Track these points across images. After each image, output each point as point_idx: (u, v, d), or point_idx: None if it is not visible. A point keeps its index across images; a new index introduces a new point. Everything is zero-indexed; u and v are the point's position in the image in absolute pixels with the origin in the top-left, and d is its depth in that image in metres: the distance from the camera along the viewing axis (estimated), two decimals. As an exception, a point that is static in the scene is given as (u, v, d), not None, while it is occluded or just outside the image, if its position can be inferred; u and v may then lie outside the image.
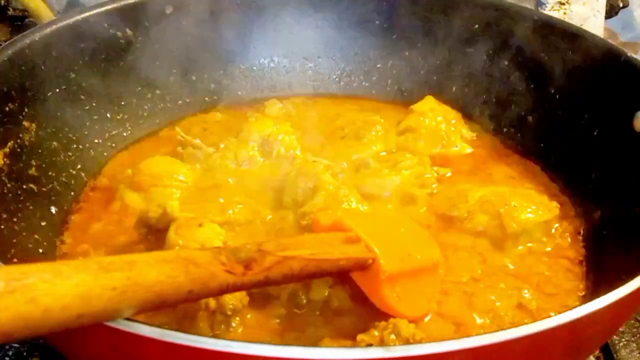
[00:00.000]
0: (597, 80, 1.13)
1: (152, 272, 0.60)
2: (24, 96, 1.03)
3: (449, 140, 1.24)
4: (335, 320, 0.87)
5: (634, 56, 1.08)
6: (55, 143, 1.09)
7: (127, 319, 0.59)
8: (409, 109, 1.28)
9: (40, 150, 1.05)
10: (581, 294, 0.96)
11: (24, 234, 0.94)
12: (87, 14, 1.16)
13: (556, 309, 0.92)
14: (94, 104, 1.18)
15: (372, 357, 0.57)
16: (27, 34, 1.06)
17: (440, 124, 1.25)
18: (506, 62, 1.29)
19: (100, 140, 1.19)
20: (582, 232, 1.06)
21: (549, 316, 0.62)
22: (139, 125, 1.26)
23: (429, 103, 1.28)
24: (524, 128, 1.26)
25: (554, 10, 1.56)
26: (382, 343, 0.77)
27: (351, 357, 0.57)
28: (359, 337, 0.79)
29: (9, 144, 0.98)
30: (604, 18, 1.63)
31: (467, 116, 1.31)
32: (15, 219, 0.94)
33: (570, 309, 0.63)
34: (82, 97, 1.16)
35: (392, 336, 0.78)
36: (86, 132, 1.16)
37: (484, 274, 0.97)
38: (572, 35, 1.19)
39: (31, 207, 0.98)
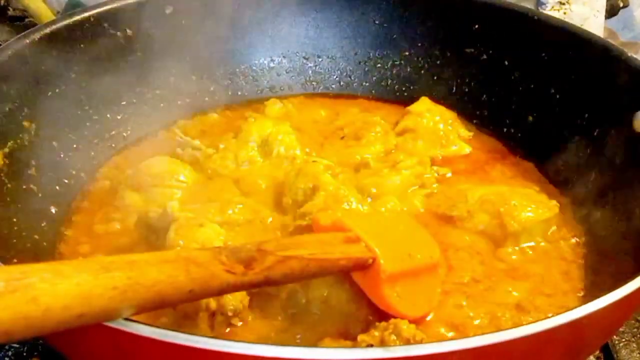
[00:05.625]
0: (597, 80, 1.13)
1: (153, 272, 0.60)
2: (24, 96, 1.03)
3: (448, 140, 1.24)
4: (335, 320, 0.87)
5: (634, 56, 1.08)
6: (55, 143, 1.09)
7: (127, 319, 0.59)
8: (406, 110, 1.28)
9: (40, 150, 1.04)
10: (580, 295, 0.96)
11: (24, 234, 0.94)
12: (87, 14, 1.16)
13: (555, 309, 0.92)
14: (93, 104, 1.18)
15: (372, 357, 0.57)
16: (27, 34, 1.06)
17: (437, 124, 1.25)
18: (506, 62, 1.29)
19: (100, 141, 1.19)
20: (581, 232, 1.06)
21: (548, 317, 0.62)
22: (139, 126, 1.26)
23: (424, 104, 1.28)
24: (524, 128, 1.26)
25: (554, 10, 1.56)
26: (382, 343, 0.77)
27: (351, 357, 0.57)
28: (360, 337, 0.79)
29: (9, 144, 0.98)
30: (604, 18, 1.62)
31: (466, 116, 1.31)
32: (15, 219, 0.94)
33: (569, 309, 0.63)
34: (82, 97, 1.16)
35: (393, 336, 0.77)
36: (86, 132, 1.16)
37: (483, 274, 0.97)
38: (572, 35, 1.19)
39: (31, 207, 0.98)
